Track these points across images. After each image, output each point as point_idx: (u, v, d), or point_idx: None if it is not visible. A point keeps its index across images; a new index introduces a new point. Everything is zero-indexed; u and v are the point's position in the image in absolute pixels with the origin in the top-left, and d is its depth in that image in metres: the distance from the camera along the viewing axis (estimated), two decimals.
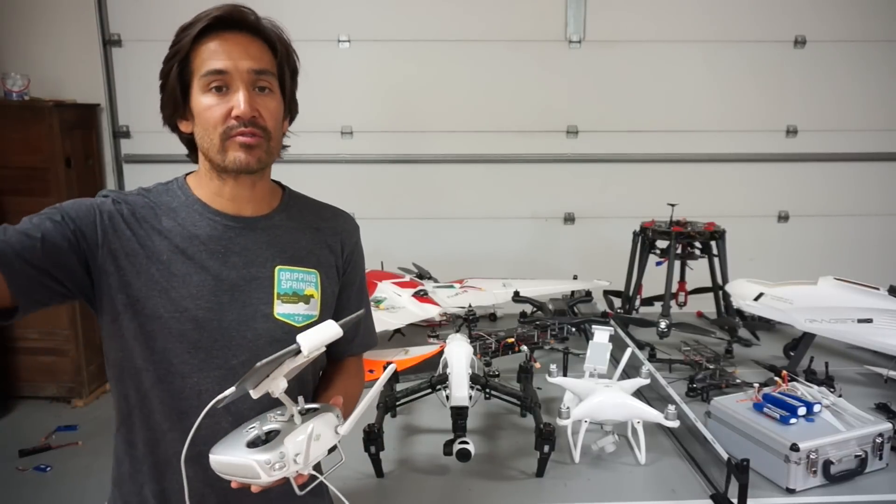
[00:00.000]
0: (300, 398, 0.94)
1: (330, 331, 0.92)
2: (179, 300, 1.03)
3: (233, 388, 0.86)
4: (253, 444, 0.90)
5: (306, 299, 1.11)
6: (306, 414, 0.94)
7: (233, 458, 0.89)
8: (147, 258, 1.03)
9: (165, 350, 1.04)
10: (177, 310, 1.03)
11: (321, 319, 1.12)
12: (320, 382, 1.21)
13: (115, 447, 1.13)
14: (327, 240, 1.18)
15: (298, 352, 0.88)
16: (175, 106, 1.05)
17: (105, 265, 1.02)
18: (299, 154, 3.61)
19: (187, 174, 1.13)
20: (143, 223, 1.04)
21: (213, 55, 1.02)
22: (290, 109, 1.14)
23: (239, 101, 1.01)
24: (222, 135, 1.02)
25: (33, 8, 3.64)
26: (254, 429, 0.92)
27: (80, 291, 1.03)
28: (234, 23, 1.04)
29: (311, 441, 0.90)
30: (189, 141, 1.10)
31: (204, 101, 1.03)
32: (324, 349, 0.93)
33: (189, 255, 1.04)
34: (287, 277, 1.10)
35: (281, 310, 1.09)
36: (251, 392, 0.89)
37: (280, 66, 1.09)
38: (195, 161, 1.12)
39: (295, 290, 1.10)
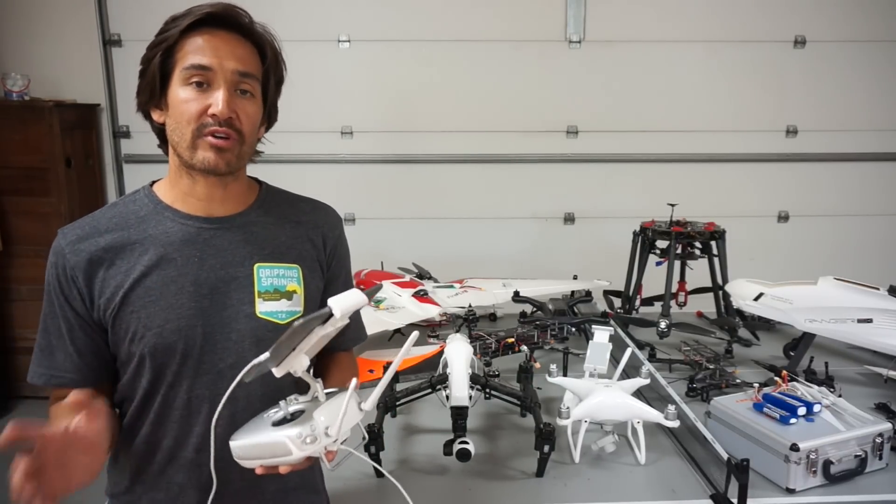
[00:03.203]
0: (318, 380, 0.93)
1: (357, 296, 0.89)
2: (159, 313, 1.01)
3: (266, 354, 0.85)
4: (279, 424, 0.88)
5: (289, 295, 1.09)
6: (328, 394, 0.93)
7: (261, 437, 0.86)
8: (119, 285, 1.02)
9: (155, 367, 1.03)
10: (159, 324, 1.01)
11: (306, 315, 1.12)
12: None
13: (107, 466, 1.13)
14: (308, 234, 1.15)
15: (329, 317, 0.86)
16: (151, 94, 1.03)
17: (99, 317, 1.04)
18: (299, 154, 3.65)
19: (153, 182, 1.11)
20: (109, 252, 1.03)
21: (200, 50, 1.00)
22: (269, 117, 1.12)
23: (217, 99, 0.99)
24: (195, 131, 1.00)
25: (33, 8, 3.64)
26: (277, 411, 0.91)
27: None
28: (226, 21, 1.02)
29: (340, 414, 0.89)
30: (160, 131, 1.08)
31: (181, 94, 1.00)
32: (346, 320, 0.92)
33: (164, 266, 1.03)
34: (267, 274, 1.08)
35: (263, 308, 1.06)
36: (274, 370, 0.88)
37: (266, 72, 1.07)
38: (166, 153, 1.10)
39: (276, 286, 1.08)
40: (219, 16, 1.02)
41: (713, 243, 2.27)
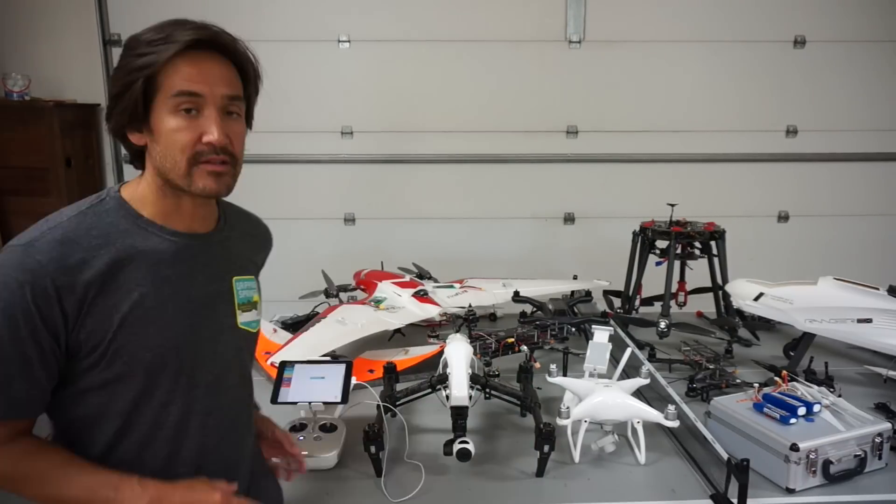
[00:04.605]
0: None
1: None
2: (158, 333, 0.99)
3: None
4: None
5: (255, 305, 1.15)
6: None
7: None
8: (115, 306, 0.96)
9: (146, 387, 0.99)
10: (158, 343, 0.99)
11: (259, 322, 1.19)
12: None
13: None
14: (259, 245, 1.24)
15: None
16: (132, 118, 0.99)
17: (77, 339, 0.95)
18: (299, 154, 3.65)
19: (118, 190, 1.04)
20: (99, 270, 0.95)
21: (188, 77, 0.97)
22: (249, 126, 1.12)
23: (212, 129, 0.98)
24: (191, 159, 0.98)
25: (33, 8, 3.64)
26: None
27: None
28: (211, 45, 1.00)
29: None
30: (137, 152, 1.04)
31: (171, 123, 0.97)
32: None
33: (159, 284, 1.00)
34: (242, 287, 1.12)
35: (242, 319, 1.11)
36: None
37: (247, 90, 1.06)
38: (140, 168, 1.06)
39: (248, 297, 1.13)
40: (204, 41, 0.99)
41: (713, 243, 2.27)
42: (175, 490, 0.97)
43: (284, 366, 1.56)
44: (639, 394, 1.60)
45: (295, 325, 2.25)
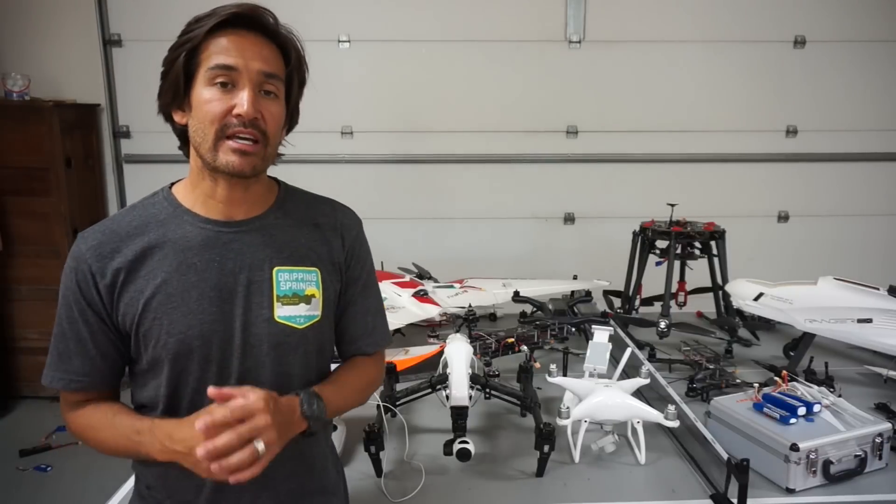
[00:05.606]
0: None
1: None
2: (182, 319, 1.01)
3: None
4: None
5: (307, 299, 1.08)
6: None
7: None
8: (140, 290, 1.01)
9: (178, 373, 1.03)
10: (181, 330, 1.01)
11: (324, 319, 1.11)
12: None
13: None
14: (327, 235, 1.14)
15: None
16: (174, 94, 1.02)
17: (116, 322, 1.04)
18: (299, 154, 3.61)
19: (172, 184, 1.10)
20: (129, 257, 1.02)
21: (225, 50, 0.99)
22: (291, 118, 1.11)
23: (243, 100, 0.98)
24: (218, 132, 0.99)
25: (33, 8, 3.64)
26: None
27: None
28: (251, 22, 1.01)
29: None
30: (182, 133, 1.07)
31: (205, 95, 0.99)
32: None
33: (184, 271, 1.02)
34: (286, 278, 1.07)
35: (281, 312, 1.06)
36: None
37: (289, 74, 1.06)
38: (186, 155, 1.08)
39: (295, 290, 1.07)
40: (244, 16, 1.00)
41: (713, 243, 2.27)
42: (174, 428, 0.96)
43: None
44: (639, 394, 1.60)
45: None
